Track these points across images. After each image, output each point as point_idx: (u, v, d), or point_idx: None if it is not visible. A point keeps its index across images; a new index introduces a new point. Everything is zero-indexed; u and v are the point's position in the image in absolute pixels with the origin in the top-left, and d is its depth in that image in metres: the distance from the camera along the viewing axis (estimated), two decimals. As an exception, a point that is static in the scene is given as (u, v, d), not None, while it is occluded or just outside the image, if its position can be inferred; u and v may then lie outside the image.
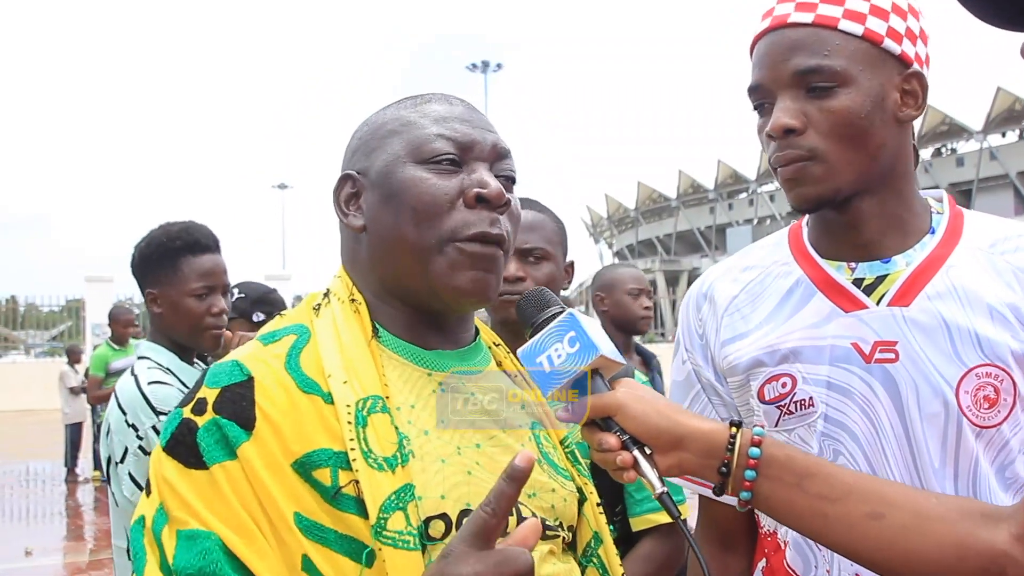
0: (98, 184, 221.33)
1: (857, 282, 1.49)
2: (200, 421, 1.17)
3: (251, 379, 1.20)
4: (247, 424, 1.16)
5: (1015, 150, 61.45)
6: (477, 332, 1.42)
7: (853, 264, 1.51)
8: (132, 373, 2.67)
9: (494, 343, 1.46)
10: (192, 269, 2.73)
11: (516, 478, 1.00)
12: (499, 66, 47.80)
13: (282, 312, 1.38)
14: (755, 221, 73.87)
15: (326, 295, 1.34)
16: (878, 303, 1.46)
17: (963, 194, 64.11)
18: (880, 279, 1.48)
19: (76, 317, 24.47)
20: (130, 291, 26.62)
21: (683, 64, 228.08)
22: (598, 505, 1.40)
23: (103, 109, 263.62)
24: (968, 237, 1.51)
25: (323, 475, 1.14)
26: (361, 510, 1.13)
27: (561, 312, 1.26)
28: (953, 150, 66.55)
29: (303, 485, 1.14)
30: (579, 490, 1.38)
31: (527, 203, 2.26)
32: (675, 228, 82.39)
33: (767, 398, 1.51)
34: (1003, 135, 62.75)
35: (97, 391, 9.28)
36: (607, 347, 1.23)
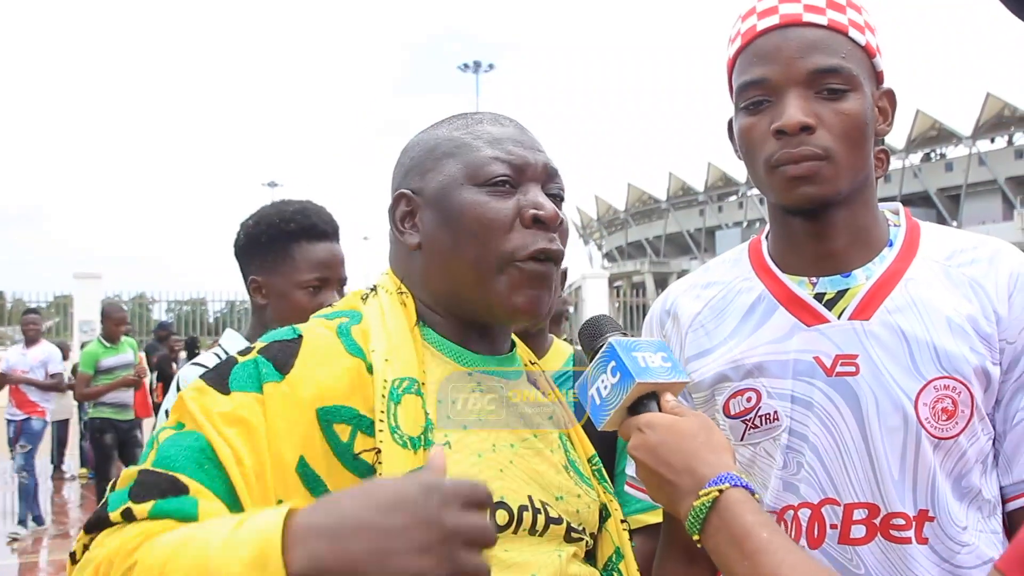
0: (87, 179, 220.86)
1: (818, 296, 1.51)
2: (241, 359, 1.26)
3: (300, 337, 1.28)
4: (283, 368, 1.23)
5: (1003, 155, 61.80)
6: (514, 344, 1.47)
7: (814, 279, 1.53)
8: (202, 364, 2.34)
9: (531, 361, 1.50)
10: (306, 258, 2.38)
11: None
12: (491, 66, 47.82)
13: (331, 303, 1.44)
14: (744, 224, 74.01)
15: (373, 289, 1.40)
16: (839, 317, 1.48)
17: (952, 199, 64.43)
18: (841, 293, 1.50)
19: (64, 314, 24.36)
20: (118, 288, 26.52)
21: (674, 67, 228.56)
22: (622, 522, 1.45)
23: (92, 105, 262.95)
24: (925, 250, 1.53)
25: (343, 430, 1.20)
26: (368, 475, 1.18)
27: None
28: (942, 155, 66.81)
29: (319, 433, 1.19)
30: (604, 507, 1.43)
31: None
32: (665, 230, 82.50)
33: (732, 412, 1.53)
34: (992, 140, 63.08)
35: (84, 388, 9.17)
36: (652, 374, 1.26)
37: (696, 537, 1.17)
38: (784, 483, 1.48)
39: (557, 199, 1.38)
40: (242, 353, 1.27)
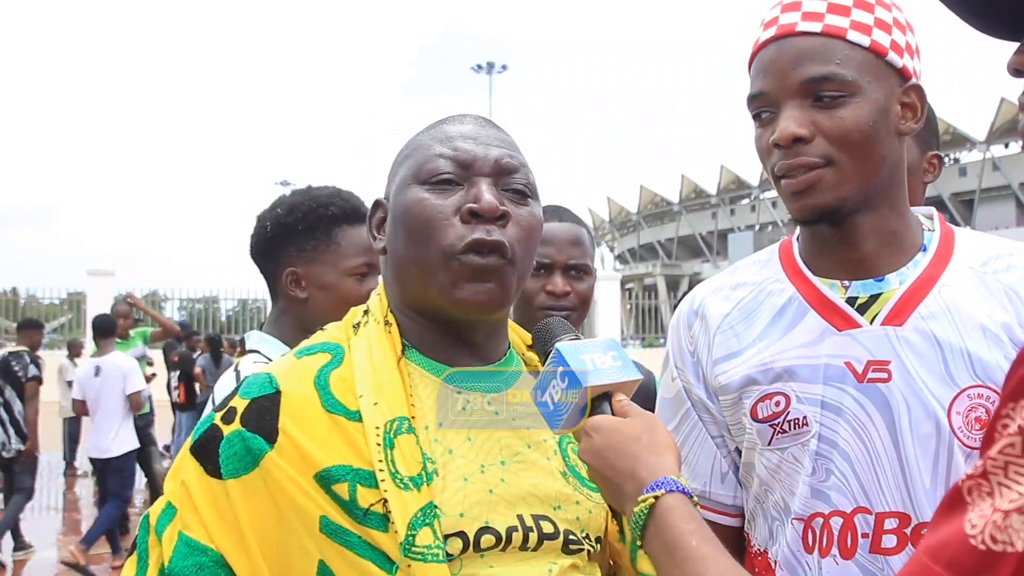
0: (100, 177, 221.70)
1: (850, 301, 1.49)
2: (226, 430, 1.25)
3: (279, 392, 1.26)
4: (270, 437, 1.22)
5: (1018, 161, 61.35)
6: (510, 344, 1.44)
7: (846, 282, 1.50)
8: (235, 370, 2.14)
9: (528, 347, 1.46)
10: (352, 242, 2.18)
11: None
12: (504, 67, 47.88)
13: (323, 327, 1.42)
14: (757, 227, 73.81)
15: (366, 313, 1.38)
16: (871, 322, 1.46)
17: (965, 204, 64.09)
18: (874, 298, 1.48)
19: (77, 310, 24.45)
20: (131, 285, 26.58)
21: (688, 69, 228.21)
22: None
23: (106, 103, 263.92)
24: (959, 255, 1.51)
25: (341, 489, 1.19)
26: (385, 525, 1.18)
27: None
28: (956, 160, 66.39)
29: (324, 496, 1.19)
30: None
31: (565, 215, 2.26)
32: (677, 232, 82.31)
33: (760, 416, 1.50)
34: (1006, 146, 62.61)
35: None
36: (600, 375, 1.22)
37: (639, 544, 1.14)
38: (813, 490, 1.46)
39: (516, 194, 1.34)
40: (224, 418, 1.26)
